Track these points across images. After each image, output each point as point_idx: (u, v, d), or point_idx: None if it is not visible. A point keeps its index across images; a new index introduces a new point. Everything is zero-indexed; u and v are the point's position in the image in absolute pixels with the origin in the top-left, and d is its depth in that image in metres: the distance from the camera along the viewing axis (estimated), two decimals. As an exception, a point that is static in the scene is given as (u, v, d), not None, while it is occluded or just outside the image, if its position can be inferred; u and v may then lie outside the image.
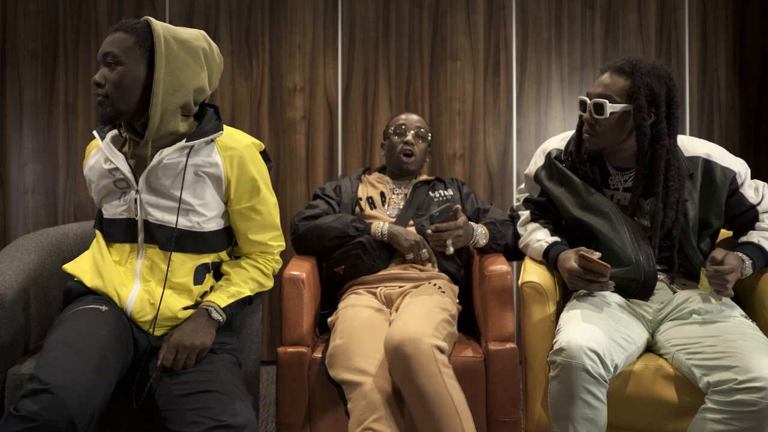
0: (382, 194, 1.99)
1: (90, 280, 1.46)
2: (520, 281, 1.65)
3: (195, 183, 1.47)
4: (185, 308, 1.46)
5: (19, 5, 2.86)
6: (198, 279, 1.49)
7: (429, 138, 2.07)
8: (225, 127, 1.55)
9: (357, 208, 1.98)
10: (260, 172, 1.54)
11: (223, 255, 1.59)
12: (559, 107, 2.95)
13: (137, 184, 1.45)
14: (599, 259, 1.49)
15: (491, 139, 2.94)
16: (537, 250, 1.70)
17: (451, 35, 2.94)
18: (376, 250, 1.83)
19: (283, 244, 1.65)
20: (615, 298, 1.60)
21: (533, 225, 1.77)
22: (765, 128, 2.94)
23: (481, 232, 1.80)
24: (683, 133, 2.94)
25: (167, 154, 1.44)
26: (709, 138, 2.95)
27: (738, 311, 1.53)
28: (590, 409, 1.36)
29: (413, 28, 2.94)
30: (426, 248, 1.82)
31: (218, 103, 2.90)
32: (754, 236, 1.58)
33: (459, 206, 1.68)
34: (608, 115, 1.55)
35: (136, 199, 1.45)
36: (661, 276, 1.63)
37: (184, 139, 1.46)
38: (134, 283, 1.46)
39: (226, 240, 1.58)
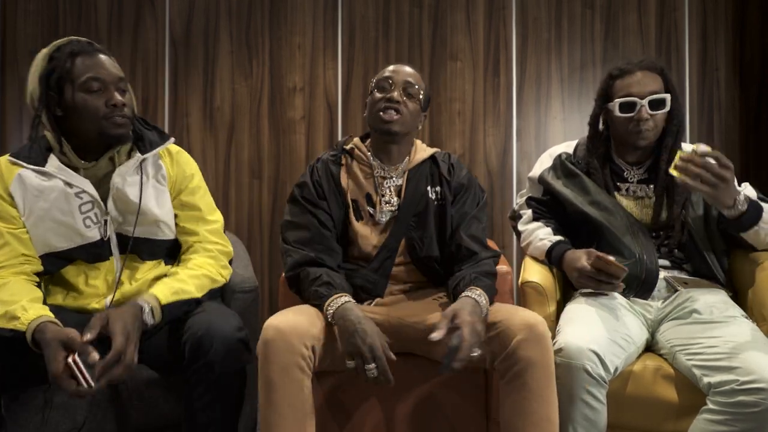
0: (368, 197, 1.60)
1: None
2: (520, 281, 1.65)
3: (157, 194, 1.51)
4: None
5: (19, 5, 2.86)
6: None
7: (421, 97, 1.60)
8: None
9: (348, 218, 1.59)
10: (193, 174, 1.60)
11: None
12: (559, 107, 2.95)
13: (106, 206, 1.45)
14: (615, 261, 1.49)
15: (491, 139, 2.94)
16: (540, 249, 1.70)
17: (451, 35, 2.93)
18: (370, 285, 1.58)
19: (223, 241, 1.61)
20: (616, 297, 1.60)
21: (535, 224, 1.77)
22: (765, 128, 2.94)
23: (484, 303, 1.41)
24: (683, 133, 2.94)
25: (126, 172, 1.47)
26: (709, 138, 2.95)
27: (739, 311, 1.53)
28: (590, 409, 1.36)
29: (413, 28, 2.93)
30: (373, 366, 1.31)
31: (218, 104, 2.90)
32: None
33: (460, 333, 1.30)
34: (668, 107, 1.64)
35: (106, 221, 1.45)
36: (663, 273, 1.63)
37: (137, 152, 1.50)
38: (111, 293, 1.47)
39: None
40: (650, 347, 1.58)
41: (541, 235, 1.72)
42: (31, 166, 1.42)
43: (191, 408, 1.33)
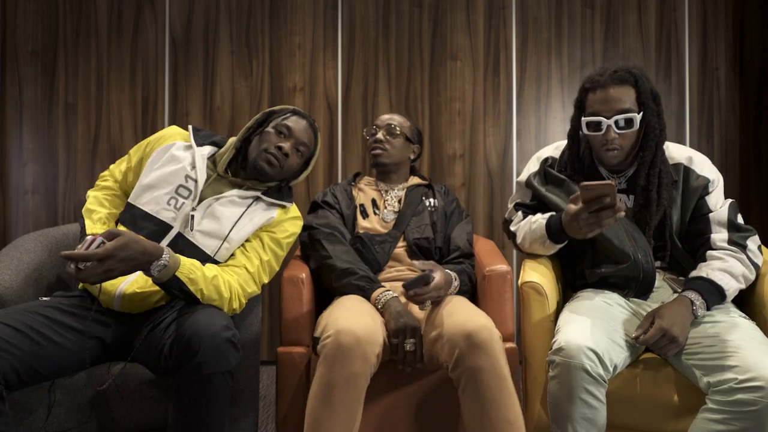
0: (374, 201, 1.95)
1: None
2: (520, 281, 1.65)
3: (243, 225, 1.58)
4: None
5: (19, 5, 2.86)
6: None
7: (400, 132, 1.96)
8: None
9: (357, 216, 1.94)
10: (288, 235, 1.67)
11: None
12: (559, 107, 2.95)
13: (198, 203, 1.56)
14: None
15: (491, 139, 2.94)
16: (538, 232, 1.65)
17: (451, 35, 2.94)
18: (375, 245, 1.82)
19: (258, 290, 1.62)
20: (615, 297, 1.60)
21: (525, 220, 1.75)
22: (765, 128, 2.94)
23: (455, 285, 1.70)
24: (683, 133, 2.94)
25: (240, 195, 1.60)
26: (709, 138, 2.95)
27: (737, 312, 1.53)
28: (589, 408, 1.36)
29: (413, 28, 2.94)
30: (413, 341, 1.52)
31: (218, 104, 2.90)
32: (703, 269, 1.53)
33: (434, 275, 1.58)
34: (637, 126, 1.56)
35: (192, 216, 1.54)
36: (661, 274, 1.63)
37: (262, 192, 1.64)
38: (129, 276, 1.49)
39: None
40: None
41: (533, 219, 1.70)
42: (194, 144, 1.64)
43: (178, 407, 1.32)
